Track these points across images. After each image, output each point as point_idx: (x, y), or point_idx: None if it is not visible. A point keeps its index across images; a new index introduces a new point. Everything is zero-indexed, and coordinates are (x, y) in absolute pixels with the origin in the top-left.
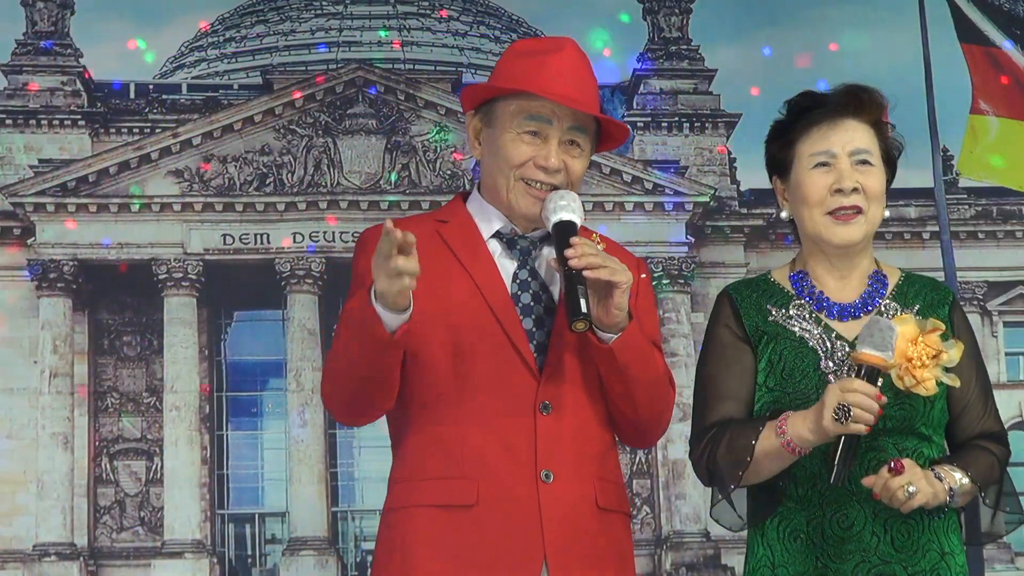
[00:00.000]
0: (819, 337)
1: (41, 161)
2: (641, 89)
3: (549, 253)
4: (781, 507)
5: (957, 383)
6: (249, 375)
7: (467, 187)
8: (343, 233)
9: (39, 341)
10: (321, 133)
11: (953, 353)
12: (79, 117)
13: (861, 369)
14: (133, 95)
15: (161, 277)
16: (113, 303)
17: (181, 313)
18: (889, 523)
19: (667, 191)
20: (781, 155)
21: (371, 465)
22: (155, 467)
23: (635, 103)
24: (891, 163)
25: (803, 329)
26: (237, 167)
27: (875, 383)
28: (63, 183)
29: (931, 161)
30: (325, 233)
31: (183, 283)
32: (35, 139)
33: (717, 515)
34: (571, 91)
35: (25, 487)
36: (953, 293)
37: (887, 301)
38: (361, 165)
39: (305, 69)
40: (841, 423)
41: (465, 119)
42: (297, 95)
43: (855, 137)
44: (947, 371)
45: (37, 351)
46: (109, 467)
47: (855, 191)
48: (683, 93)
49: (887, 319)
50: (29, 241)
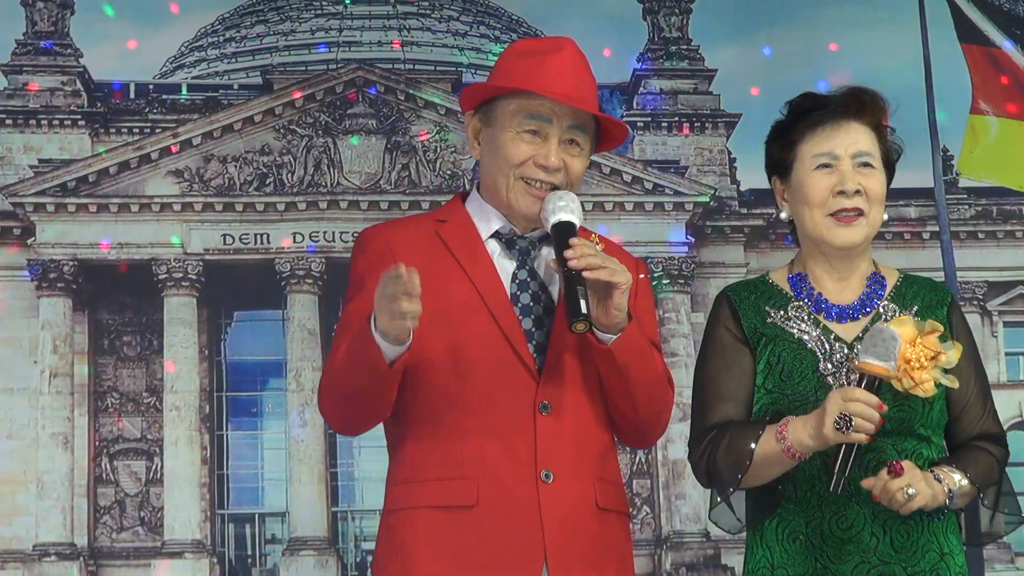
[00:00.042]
0: (817, 339)
1: (41, 161)
2: (641, 89)
3: (548, 253)
4: (780, 509)
5: (956, 384)
6: (249, 375)
7: (467, 187)
8: (343, 233)
9: (39, 341)
10: (321, 133)
11: (952, 354)
12: (79, 117)
13: (863, 378)
14: (133, 95)
15: (161, 277)
16: (113, 303)
17: (181, 313)
18: (888, 524)
19: (667, 191)
20: (782, 156)
21: (371, 465)
22: (155, 467)
23: (635, 103)
24: (890, 166)
25: (801, 331)
26: (237, 167)
27: (876, 392)
28: (63, 183)
29: (931, 161)
30: (325, 233)
31: (183, 283)
32: (35, 139)
33: (716, 517)
34: (571, 90)
35: (25, 487)
36: (952, 294)
37: (885, 302)
38: (361, 165)
39: (305, 69)
40: (843, 432)
41: (465, 119)
42: (297, 95)
43: (857, 139)
44: (946, 372)
45: (37, 351)
46: (109, 467)
47: (857, 193)
48: (683, 93)
49: (890, 328)
50: (29, 241)
